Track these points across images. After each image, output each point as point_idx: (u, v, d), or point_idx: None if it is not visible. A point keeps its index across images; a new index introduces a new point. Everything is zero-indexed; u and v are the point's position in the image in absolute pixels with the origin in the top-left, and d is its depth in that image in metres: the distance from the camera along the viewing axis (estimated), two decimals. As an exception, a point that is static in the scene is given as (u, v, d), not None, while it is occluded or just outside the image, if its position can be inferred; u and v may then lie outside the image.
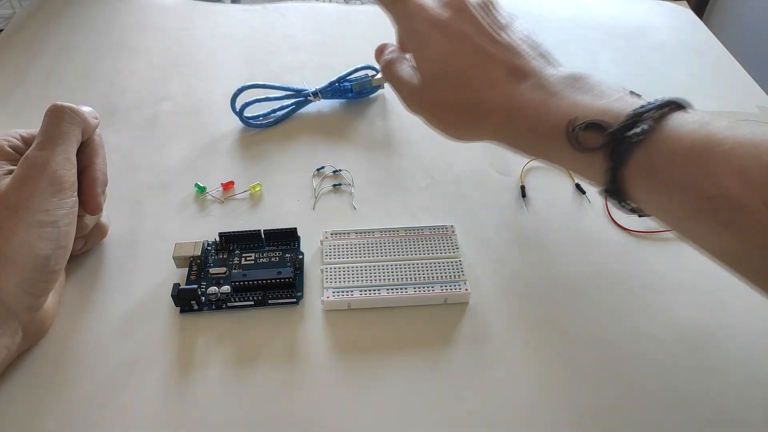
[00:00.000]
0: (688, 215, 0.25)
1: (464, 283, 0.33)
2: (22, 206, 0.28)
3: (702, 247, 0.26)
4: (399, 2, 0.35)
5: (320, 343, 0.31)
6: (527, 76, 0.31)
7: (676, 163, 0.25)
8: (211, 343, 0.31)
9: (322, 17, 0.61)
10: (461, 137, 0.34)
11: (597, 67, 0.53)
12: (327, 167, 0.42)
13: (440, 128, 0.35)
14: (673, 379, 0.30)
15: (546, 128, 0.29)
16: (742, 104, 0.49)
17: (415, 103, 0.35)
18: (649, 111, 0.26)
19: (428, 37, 0.34)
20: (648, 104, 0.27)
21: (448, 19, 0.33)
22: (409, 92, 0.35)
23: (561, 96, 0.30)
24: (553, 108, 0.29)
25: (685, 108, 0.27)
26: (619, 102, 0.28)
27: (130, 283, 0.34)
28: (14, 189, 0.28)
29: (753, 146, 0.23)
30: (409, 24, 0.35)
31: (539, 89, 0.30)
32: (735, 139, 0.24)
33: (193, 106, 0.48)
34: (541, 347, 0.31)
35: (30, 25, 0.58)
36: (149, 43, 0.56)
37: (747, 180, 0.22)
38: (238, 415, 0.28)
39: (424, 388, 0.30)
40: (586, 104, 0.29)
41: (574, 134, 0.28)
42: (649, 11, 0.62)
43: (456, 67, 0.33)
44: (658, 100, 0.27)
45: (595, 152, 0.27)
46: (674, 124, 0.26)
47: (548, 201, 0.40)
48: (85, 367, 0.30)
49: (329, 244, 0.35)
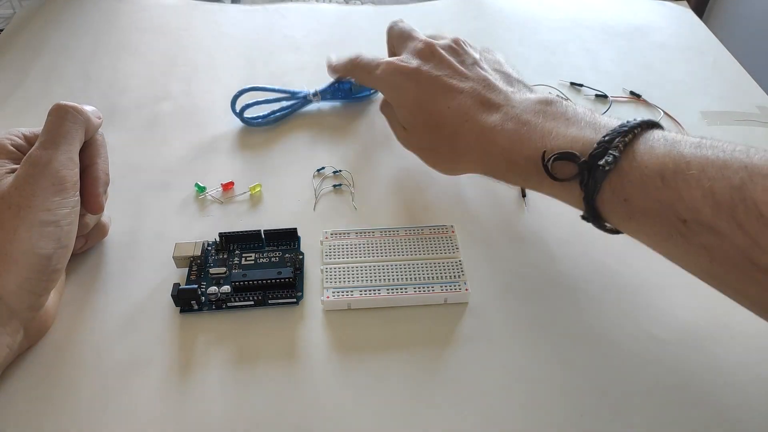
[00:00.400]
0: (664, 238, 0.25)
1: (464, 283, 0.33)
2: (24, 205, 0.28)
3: (681, 266, 0.26)
4: (372, 67, 0.39)
5: (320, 343, 0.31)
6: (498, 107, 0.33)
7: (647, 188, 0.25)
8: (211, 343, 0.31)
9: (322, 18, 0.61)
10: (450, 172, 0.37)
11: (597, 67, 0.53)
12: (327, 167, 0.42)
13: (430, 165, 0.37)
14: (673, 379, 0.30)
15: (521, 160, 0.30)
16: (742, 104, 0.49)
17: (405, 146, 0.39)
18: (617, 137, 0.27)
19: (402, 87, 0.36)
20: (617, 129, 0.27)
21: (418, 66, 0.36)
22: (399, 136, 0.39)
23: (532, 126, 0.31)
24: (525, 139, 0.30)
25: (653, 127, 0.27)
26: (588, 129, 0.29)
27: (130, 283, 0.34)
28: (16, 188, 0.28)
29: (721, 167, 0.23)
30: (385, 82, 0.37)
31: (510, 120, 0.32)
32: (703, 161, 0.24)
33: (193, 106, 0.48)
34: (541, 347, 0.31)
35: (30, 25, 0.58)
36: (149, 43, 0.56)
37: (717, 202, 0.23)
38: (238, 415, 0.28)
39: (424, 388, 0.30)
40: (557, 133, 0.29)
41: (547, 166, 0.29)
42: (649, 11, 0.62)
43: (429, 109, 0.34)
44: (628, 123, 0.27)
45: (570, 181, 0.28)
46: (643, 148, 0.26)
47: (548, 201, 0.40)
48: (85, 367, 0.30)
49: (329, 244, 0.35)
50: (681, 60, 0.54)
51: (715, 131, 0.46)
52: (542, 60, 0.54)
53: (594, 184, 0.27)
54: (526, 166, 0.30)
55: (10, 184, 0.28)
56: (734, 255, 0.23)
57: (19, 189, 0.28)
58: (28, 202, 0.28)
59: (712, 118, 0.47)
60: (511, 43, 0.57)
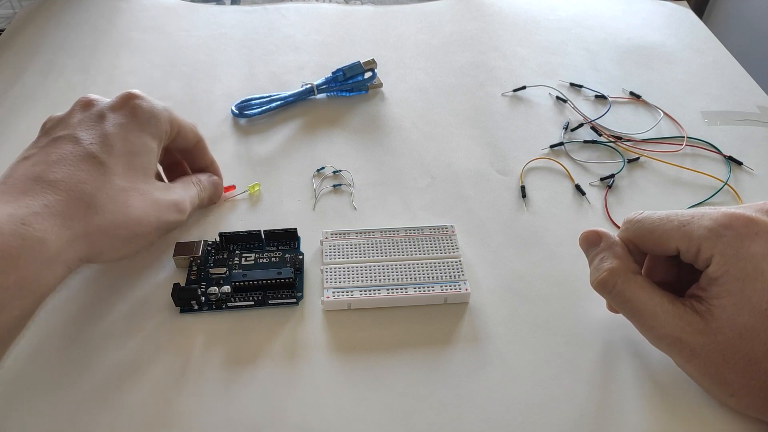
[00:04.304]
0: None
1: (464, 283, 0.33)
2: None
3: None
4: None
5: (320, 343, 0.31)
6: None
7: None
8: (211, 343, 0.31)
9: (322, 18, 0.61)
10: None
11: (597, 67, 0.53)
12: (327, 167, 0.42)
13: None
14: (673, 379, 0.30)
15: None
16: (742, 104, 0.49)
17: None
18: None
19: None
20: None
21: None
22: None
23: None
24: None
25: None
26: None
27: (130, 283, 0.34)
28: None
29: None
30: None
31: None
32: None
33: (193, 106, 0.48)
34: (540, 347, 0.31)
35: (30, 25, 0.58)
36: (149, 43, 0.56)
37: None
38: (237, 415, 0.28)
39: (424, 388, 0.30)
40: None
41: None
42: (649, 11, 0.62)
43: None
44: None
45: None
46: None
47: (548, 201, 0.40)
48: (85, 367, 0.30)
49: (329, 244, 0.35)
50: (681, 60, 0.55)
51: (715, 131, 0.46)
52: (542, 60, 0.54)
53: None
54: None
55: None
56: None
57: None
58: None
59: (712, 118, 0.47)
60: (510, 43, 0.57)
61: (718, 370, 0.25)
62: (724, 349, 0.25)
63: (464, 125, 0.47)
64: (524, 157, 0.43)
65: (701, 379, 0.27)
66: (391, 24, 0.59)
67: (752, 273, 0.24)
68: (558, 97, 0.49)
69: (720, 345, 0.25)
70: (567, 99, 0.48)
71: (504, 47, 0.56)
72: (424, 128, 0.46)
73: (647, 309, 0.27)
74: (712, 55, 0.55)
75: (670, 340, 0.26)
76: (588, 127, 0.46)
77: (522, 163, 0.43)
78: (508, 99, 0.49)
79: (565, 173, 0.42)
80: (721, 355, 0.25)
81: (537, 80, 0.51)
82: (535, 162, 0.43)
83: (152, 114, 0.33)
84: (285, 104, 0.47)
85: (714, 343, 0.25)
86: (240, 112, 0.46)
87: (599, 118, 0.47)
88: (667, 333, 0.26)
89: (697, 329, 0.25)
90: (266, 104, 0.46)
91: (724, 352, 0.25)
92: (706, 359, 0.25)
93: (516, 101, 0.49)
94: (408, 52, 0.55)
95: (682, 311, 0.26)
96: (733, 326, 0.25)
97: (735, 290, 0.25)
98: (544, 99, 0.49)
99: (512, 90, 0.50)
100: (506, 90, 0.50)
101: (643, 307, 0.27)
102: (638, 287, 0.27)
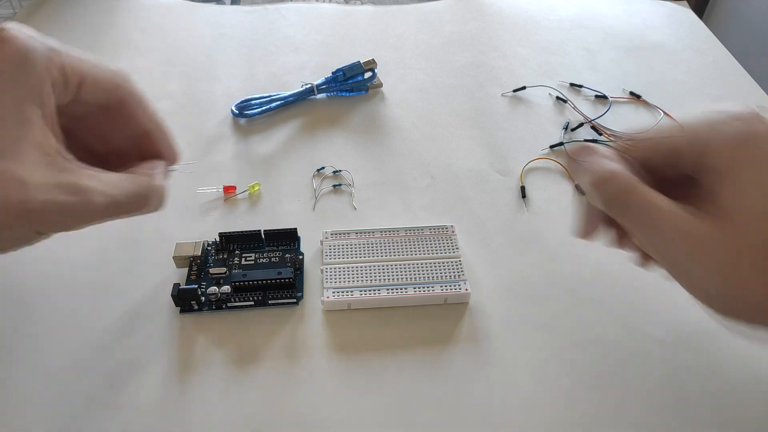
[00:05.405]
0: None
1: (464, 283, 0.33)
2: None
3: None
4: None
5: (320, 343, 0.31)
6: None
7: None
8: (211, 343, 0.31)
9: (322, 18, 0.61)
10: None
11: (597, 67, 0.53)
12: (327, 167, 0.42)
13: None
14: (673, 379, 0.30)
15: None
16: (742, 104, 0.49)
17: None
18: None
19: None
20: None
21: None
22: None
23: None
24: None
25: None
26: None
27: (130, 283, 0.34)
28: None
29: None
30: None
31: None
32: None
33: (193, 106, 0.48)
34: (540, 347, 0.31)
35: (30, 25, 0.57)
36: (149, 43, 0.56)
37: None
38: (238, 415, 0.28)
39: (424, 388, 0.30)
40: None
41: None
42: (649, 11, 0.62)
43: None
44: None
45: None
46: None
47: (548, 201, 0.40)
48: (85, 367, 0.30)
49: (329, 244, 0.35)
50: (681, 60, 0.55)
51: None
52: (542, 61, 0.54)
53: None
54: None
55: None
56: None
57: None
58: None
59: (712, 118, 0.47)
60: (510, 43, 0.57)
61: (732, 268, 0.23)
62: (737, 241, 0.23)
63: (464, 125, 0.47)
64: (524, 158, 0.43)
65: (711, 281, 0.24)
66: (391, 24, 0.59)
67: (764, 157, 0.23)
68: (558, 98, 0.49)
69: (733, 235, 0.23)
70: (567, 99, 0.48)
71: (504, 47, 0.56)
72: (424, 128, 0.46)
73: (652, 203, 0.24)
74: (712, 55, 0.55)
75: (678, 234, 0.24)
76: (588, 126, 0.46)
77: (522, 163, 0.43)
78: (508, 99, 0.49)
79: (565, 173, 0.42)
80: (735, 247, 0.23)
81: (537, 80, 0.51)
82: (535, 162, 0.43)
83: (22, 59, 0.23)
84: (285, 104, 0.47)
85: (727, 236, 0.23)
86: (240, 112, 0.46)
87: (599, 117, 0.47)
88: (674, 225, 0.24)
89: (707, 219, 0.23)
90: (266, 104, 0.47)
91: (738, 243, 0.23)
92: (719, 252, 0.23)
93: (516, 101, 0.49)
94: (408, 52, 0.55)
95: (689, 207, 0.24)
96: (749, 213, 0.23)
97: (746, 180, 0.23)
98: (544, 99, 0.49)
99: (512, 90, 0.50)
100: (506, 90, 0.50)
101: (648, 201, 0.25)
102: (640, 184, 0.25)
